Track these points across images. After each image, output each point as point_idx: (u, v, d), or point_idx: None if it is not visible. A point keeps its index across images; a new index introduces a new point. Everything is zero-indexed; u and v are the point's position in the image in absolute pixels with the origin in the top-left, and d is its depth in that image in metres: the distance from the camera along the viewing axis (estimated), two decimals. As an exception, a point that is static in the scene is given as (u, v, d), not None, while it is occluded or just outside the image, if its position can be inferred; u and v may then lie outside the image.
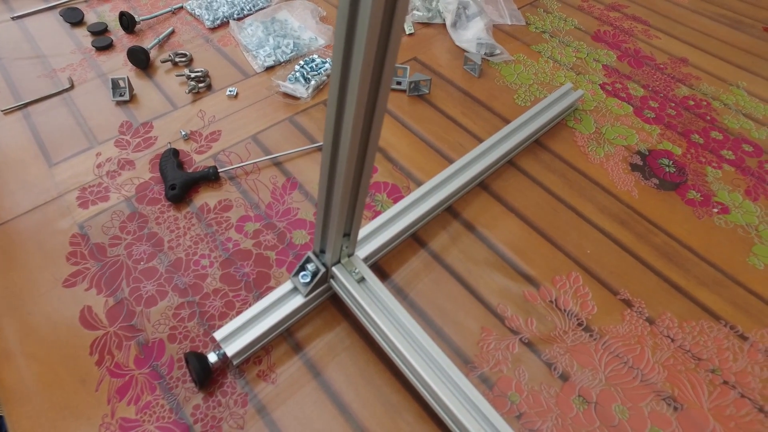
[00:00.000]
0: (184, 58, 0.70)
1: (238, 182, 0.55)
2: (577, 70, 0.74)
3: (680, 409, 0.41)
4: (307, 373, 0.42)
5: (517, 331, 0.45)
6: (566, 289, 0.48)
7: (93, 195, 0.54)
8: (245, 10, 0.79)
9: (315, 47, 0.73)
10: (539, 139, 0.62)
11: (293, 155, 0.58)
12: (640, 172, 0.60)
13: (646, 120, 0.67)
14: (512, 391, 0.41)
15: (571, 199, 0.56)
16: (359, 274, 0.42)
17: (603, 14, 0.87)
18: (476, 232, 0.52)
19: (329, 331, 0.44)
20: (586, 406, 0.41)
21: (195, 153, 0.58)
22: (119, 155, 0.58)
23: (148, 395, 0.40)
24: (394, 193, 0.55)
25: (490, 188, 0.56)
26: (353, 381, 0.41)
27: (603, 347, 0.44)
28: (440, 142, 0.61)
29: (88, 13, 0.78)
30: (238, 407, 0.40)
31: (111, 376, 0.41)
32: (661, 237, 0.53)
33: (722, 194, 0.58)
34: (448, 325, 0.45)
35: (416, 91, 0.67)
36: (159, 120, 0.62)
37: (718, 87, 0.73)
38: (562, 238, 0.52)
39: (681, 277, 0.50)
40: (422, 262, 0.49)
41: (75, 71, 0.68)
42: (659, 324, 0.46)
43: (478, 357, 0.43)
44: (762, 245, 0.53)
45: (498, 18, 0.82)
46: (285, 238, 0.50)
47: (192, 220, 0.52)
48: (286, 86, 0.65)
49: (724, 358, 0.44)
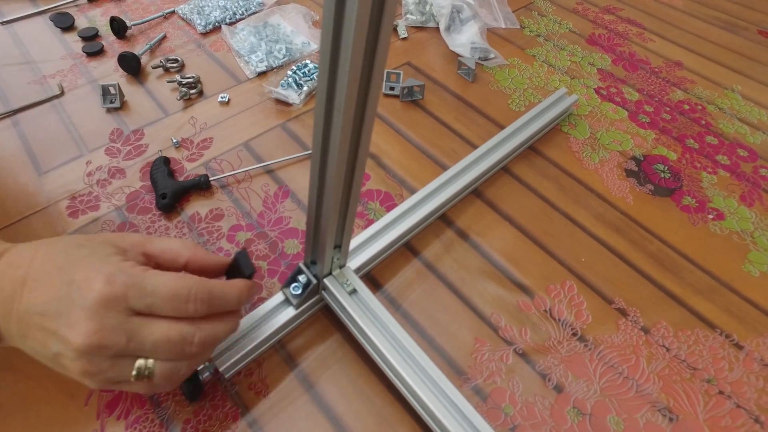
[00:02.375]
0: (175, 64, 0.69)
1: (229, 191, 0.55)
2: (571, 74, 0.73)
3: (676, 420, 0.41)
4: (299, 386, 0.41)
5: (511, 341, 0.44)
6: (561, 298, 0.48)
7: (83, 204, 0.53)
8: (237, 15, 0.78)
9: (307, 52, 0.72)
10: (533, 144, 0.62)
11: (285, 163, 0.58)
12: (635, 178, 0.59)
13: (641, 125, 0.66)
14: (506, 402, 0.41)
15: (566, 206, 0.56)
16: (351, 285, 0.41)
17: (598, 17, 0.87)
18: (470, 241, 0.52)
19: (321, 342, 0.44)
20: (581, 417, 0.40)
21: (186, 161, 0.58)
22: (110, 163, 0.57)
23: (138, 410, 0.40)
24: (387, 201, 0.55)
25: (483, 195, 0.56)
26: (345, 394, 0.41)
27: (598, 357, 0.44)
28: (434, 149, 0.61)
29: (78, 18, 0.78)
30: (230, 421, 0.39)
31: (100, 390, 0.40)
32: (656, 244, 0.53)
33: (717, 200, 0.58)
34: (441, 335, 0.45)
35: (409, 96, 0.67)
36: (150, 127, 0.61)
37: (713, 91, 0.73)
38: (557, 245, 0.52)
39: (676, 284, 0.50)
40: (415, 272, 0.49)
41: (65, 77, 0.68)
42: (654, 333, 0.46)
43: (471, 368, 0.43)
44: (757, 252, 0.53)
45: (492, 21, 0.82)
46: (277, 247, 0.50)
47: (183, 229, 0.51)
48: (278, 92, 0.64)
49: (719, 368, 0.44)
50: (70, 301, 0.30)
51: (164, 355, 0.32)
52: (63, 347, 0.30)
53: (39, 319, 0.30)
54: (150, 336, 0.31)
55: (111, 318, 0.30)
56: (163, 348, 0.31)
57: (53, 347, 0.30)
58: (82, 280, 0.30)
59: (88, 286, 0.30)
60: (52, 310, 0.30)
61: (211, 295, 0.33)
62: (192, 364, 0.34)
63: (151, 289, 0.31)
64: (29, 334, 0.31)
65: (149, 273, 0.32)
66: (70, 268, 0.31)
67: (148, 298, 0.31)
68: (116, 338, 0.30)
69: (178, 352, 0.32)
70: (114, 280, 0.30)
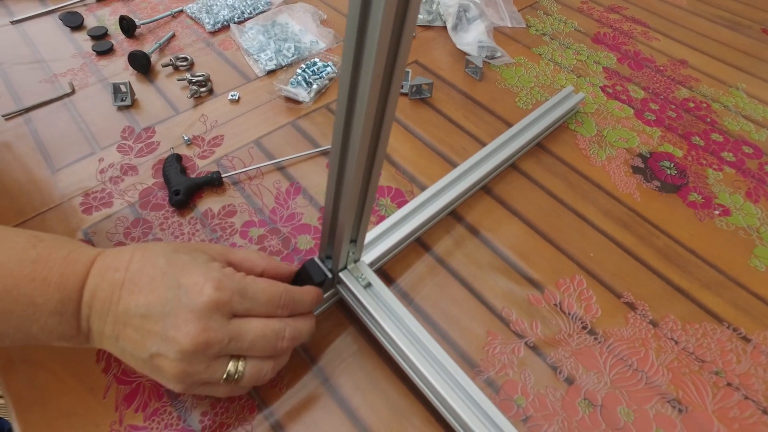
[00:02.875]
0: (185, 63, 0.70)
1: (241, 187, 0.55)
2: (577, 73, 0.74)
3: (685, 411, 0.41)
4: (315, 378, 0.42)
5: (522, 334, 0.45)
6: (570, 292, 0.48)
7: (96, 201, 0.54)
8: (245, 14, 0.79)
9: (316, 50, 0.73)
10: (541, 142, 0.63)
11: (297, 160, 0.58)
12: (642, 175, 0.60)
13: (647, 122, 0.67)
14: (518, 394, 0.42)
15: (574, 202, 0.56)
16: (366, 279, 0.42)
17: (603, 16, 0.87)
18: (480, 236, 0.52)
19: (336, 336, 0.44)
20: (592, 409, 0.41)
21: (198, 158, 0.58)
22: (122, 160, 0.58)
23: (155, 402, 0.40)
24: (398, 198, 0.55)
25: (492, 192, 0.57)
26: (360, 386, 0.41)
27: (608, 350, 0.45)
28: (443, 146, 0.61)
29: (87, 17, 0.78)
30: (246, 413, 0.40)
31: (118, 383, 0.41)
32: (663, 239, 0.54)
33: (723, 196, 0.58)
34: (454, 329, 0.45)
35: (418, 94, 0.67)
36: (161, 125, 0.62)
37: (718, 89, 0.74)
38: (565, 241, 0.53)
39: (683, 279, 0.50)
40: (427, 267, 0.49)
41: (76, 76, 0.68)
42: (663, 326, 0.46)
43: (483, 361, 0.43)
44: (763, 247, 0.54)
45: (498, 20, 0.83)
46: (290, 243, 0.51)
47: (196, 225, 0.52)
48: (288, 90, 0.65)
49: (727, 360, 0.45)
50: (177, 304, 0.32)
51: (259, 351, 0.35)
52: (166, 348, 0.32)
53: (139, 321, 0.32)
54: (248, 334, 0.34)
55: (216, 320, 0.33)
56: (259, 344, 0.34)
57: (152, 348, 0.32)
58: (190, 285, 0.33)
59: (198, 291, 0.32)
60: (156, 312, 0.32)
61: (294, 299, 0.37)
62: (276, 365, 0.37)
63: (252, 295, 0.35)
64: (124, 335, 0.33)
65: (248, 279, 0.35)
66: (174, 273, 0.33)
67: (248, 302, 0.34)
68: (220, 338, 0.32)
69: (271, 347, 0.35)
70: (222, 285, 0.33)
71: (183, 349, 0.31)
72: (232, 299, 0.33)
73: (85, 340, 0.34)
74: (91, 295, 0.33)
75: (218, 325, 0.32)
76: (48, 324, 0.32)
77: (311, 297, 0.39)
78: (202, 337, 0.31)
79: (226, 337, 0.33)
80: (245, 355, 0.35)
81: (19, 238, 0.33)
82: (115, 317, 0.32)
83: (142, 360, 0.33)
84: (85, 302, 0.33)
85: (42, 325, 0.32)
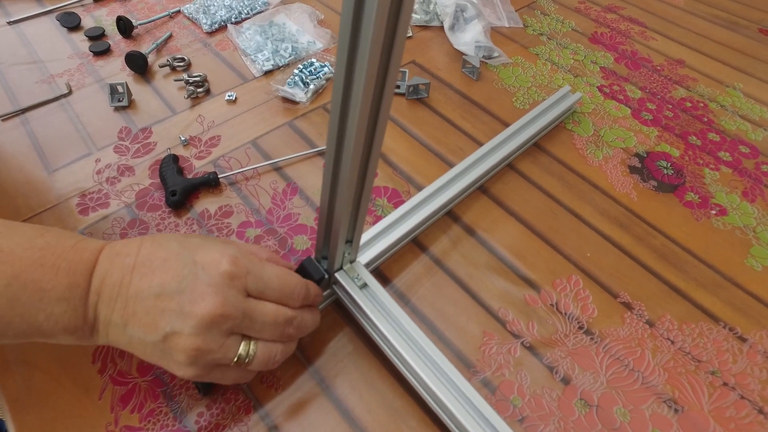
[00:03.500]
0: (182, 63, 0.70)
1: (238, 188, 0.55)
2: (574, 73, 0.74)
3: (681, 411, 0.41)
4: (310, 378, 0.42)
5: (518, 335, 0.45)
6: (567, 292, 0.48)
7: (93, 202, 0.53)
8: (243, 14, 0.79)
9: (313, 51, 0.73)
10: (538, 142, 0.63)
11: (293, 160, 0.58)
12: (639, 175, 0.60)
13: (643, 122, 0.67)
14: (514, 395, 0.42)
15: (571, 202, 0.56)
16: (361, 280, 0.42)
17: (600, 16, 0.87)
18: (476, 236, 0.52)
19: (332, 336, 0.44)
20: (588, 409, 0.41)
21: (194, 158, 0.58)
22: (119, 161, 0.57)
23: (151, 403, 0.40)
24: (395, 198, 0.55)
25: (489, 192, 0.57)
26: (356, 386, 0.41)
27: (604, 350, 0.45)
28: (440, 146, 0.61)
29: (84, 18, 0.78)
30: (242, 414, 0.40)
31: (114, 384, 0.41)
32: (660, 239, 0.54)
33: (720, 196, 0.58)
34: (450, 329, 0.45)
35: (415, 94, 0.67)
36: (158, 125, 0.62)
37: (715, 89, 0.74)
38: (562, 241, 0.53)
39: (680, 279, 0.50)
40: (423, 267, 0.49)
41: (73, 76, 0.68)
42: (659, 326, 0.46)
43: (480, 361, 0.43)
44: (760, 247, 0.54)
45: (495, 20, 0.83)
46: (286, 243, 0.51)
47: (193, 226, 0.52)
48: (285, 91, 0.65)
49: (723, 360, 0.45)
50: (194, 279, 0.33)
51: (269, 334, 0.35)
52: (181, 324, 0.32)
53: (153, 301, 0.32)
54: (260, 316, 0.34)
55: (232, 295, 0.33)
56: (269, 327, 0.35)
57: (166, 327, 0.32)
58: (206, 261, 0.34)
59: (215, 265, 0.33)
60: (171, 289, 0.32)
61: (309, 291, 0.38)
62: (285, 350, 0.37)
63: (267, 278, 0.35)
64: (134, 319, 0.32)
65: (263, 263, 0.36)
66: (188, 253, 0.34)
67: (261, 283, 0.35)
68: (235, 312, 0.33)
69: (280, 332, 0.36)
70: (238, 261, 0.34)
71: (200, 322, 0.31)
72: (248, 277, 0.34)
73: (89, 332, 0.33)
74: (100, 281, 0.32)
75: (234, 299, 0.33)
76: (54, 312, 0.31)
77: (318, 291, 0.40)
78: (220, 310, 0.32)
79: (241, 313, 0.33)
80: (256, 338, 0.35)
81: (26, 228, 0.33)
82: (125, 302, 0.32)
83: (153, 344, 0.32)
84: (94, 289, 0.32)
85: (48, 314, 0.31)
